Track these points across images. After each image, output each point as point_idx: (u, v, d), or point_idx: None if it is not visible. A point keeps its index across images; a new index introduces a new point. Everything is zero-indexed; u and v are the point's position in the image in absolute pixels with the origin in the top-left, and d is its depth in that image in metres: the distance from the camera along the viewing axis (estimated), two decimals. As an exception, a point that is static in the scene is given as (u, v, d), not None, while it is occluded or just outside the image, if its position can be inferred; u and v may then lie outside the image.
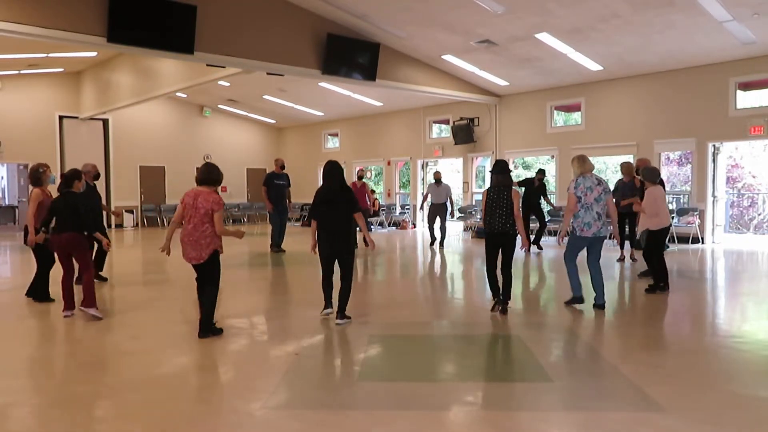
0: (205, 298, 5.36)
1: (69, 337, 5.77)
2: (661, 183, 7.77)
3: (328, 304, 6.08)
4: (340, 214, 5.88)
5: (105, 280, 8.39)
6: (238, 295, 7.59)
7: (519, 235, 6.33)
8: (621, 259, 10.21)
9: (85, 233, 6.31)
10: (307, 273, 9.46)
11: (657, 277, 7.42)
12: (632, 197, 8.68)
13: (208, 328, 5.40)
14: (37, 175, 6.91)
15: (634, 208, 7.85)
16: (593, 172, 6.43)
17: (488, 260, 6.37)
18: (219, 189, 5.48)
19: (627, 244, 10.34)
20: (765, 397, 3.91)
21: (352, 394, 4.03)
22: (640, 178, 8.15)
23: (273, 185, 11.99)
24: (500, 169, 6.38)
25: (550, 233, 13.78)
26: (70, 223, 6.14)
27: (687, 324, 6.23)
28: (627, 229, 10.24)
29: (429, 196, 13.28)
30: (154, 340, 5.51)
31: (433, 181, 13.32)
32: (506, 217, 6.17)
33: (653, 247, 7.46)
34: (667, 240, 8.37)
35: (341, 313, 5.88)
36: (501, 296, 6.27)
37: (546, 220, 12.75)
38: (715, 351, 5.02)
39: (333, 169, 5.94)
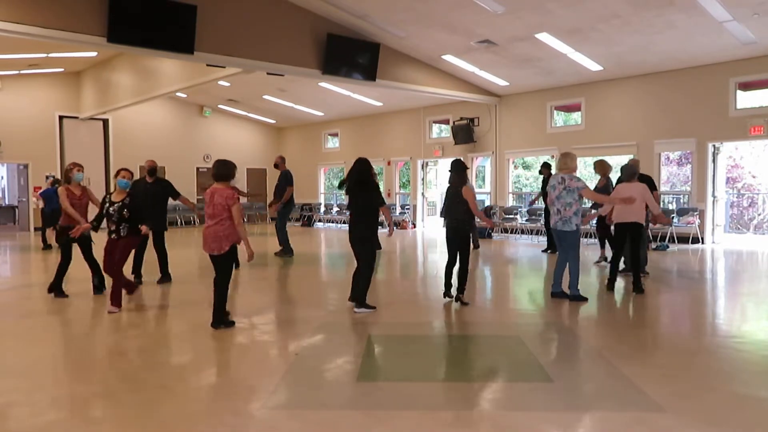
0: (216, 288, 5.58)
1: (69, 336, 5.77)
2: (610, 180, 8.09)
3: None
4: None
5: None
6: (237, 294, 7.58)
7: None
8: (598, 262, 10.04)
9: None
10: (307, 273, 9.47)
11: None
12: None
13: (220, 319, 5.59)
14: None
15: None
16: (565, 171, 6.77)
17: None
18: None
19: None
20: (765, 397, 3.90)
21: (352, 394, 4.03)
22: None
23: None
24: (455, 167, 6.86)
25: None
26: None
27: (687, 324, 6.23)
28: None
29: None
30: (154, 340, 5.52)
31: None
32: (462, 213, 6.68)
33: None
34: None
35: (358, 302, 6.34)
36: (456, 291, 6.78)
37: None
38: (715, 351, 5.02)
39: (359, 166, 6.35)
